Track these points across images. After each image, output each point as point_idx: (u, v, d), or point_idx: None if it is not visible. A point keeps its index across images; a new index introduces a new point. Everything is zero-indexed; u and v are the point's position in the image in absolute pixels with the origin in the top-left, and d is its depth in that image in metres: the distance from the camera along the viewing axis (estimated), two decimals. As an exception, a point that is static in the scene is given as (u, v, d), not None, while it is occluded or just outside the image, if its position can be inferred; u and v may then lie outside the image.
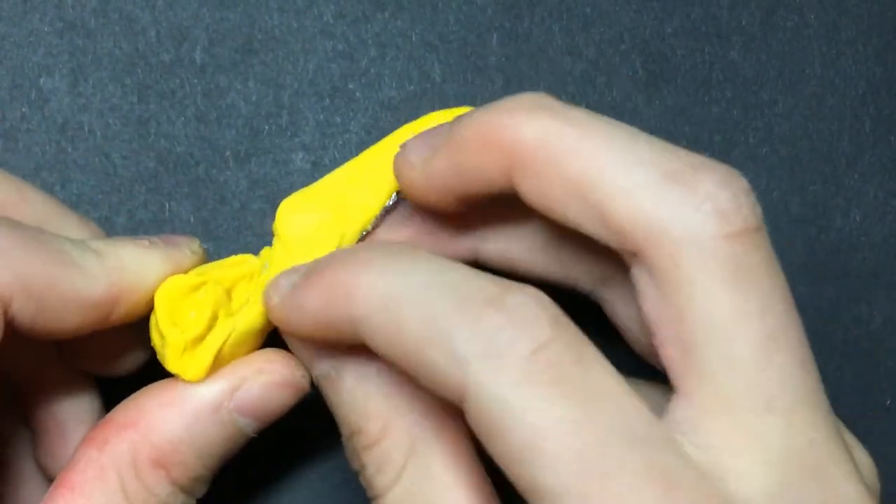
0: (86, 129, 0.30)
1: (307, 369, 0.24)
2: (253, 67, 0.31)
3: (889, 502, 0.34)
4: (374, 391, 0.22)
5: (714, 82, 0.33)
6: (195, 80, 0.30)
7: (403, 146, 0.23)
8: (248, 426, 0.24)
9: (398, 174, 0.23)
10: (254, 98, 0.31)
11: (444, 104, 0.31)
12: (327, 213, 0.24)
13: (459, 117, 0.22)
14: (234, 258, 0.25)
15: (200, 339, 0.23)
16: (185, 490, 0.23)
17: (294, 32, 0.31)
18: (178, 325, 0.23)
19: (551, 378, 0.18)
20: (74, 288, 0.22)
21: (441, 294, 0.19)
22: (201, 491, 0.24)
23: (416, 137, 0.23)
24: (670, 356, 0.19)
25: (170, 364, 0.23)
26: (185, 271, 0.24)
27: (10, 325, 0.21)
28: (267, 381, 0.23)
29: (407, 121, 0.31)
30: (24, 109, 0.30)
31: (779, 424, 0.19)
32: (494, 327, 0.18)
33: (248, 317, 0.24)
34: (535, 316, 0.18)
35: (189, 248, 0.24)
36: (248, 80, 0.31)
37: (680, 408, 0.19)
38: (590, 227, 0.20)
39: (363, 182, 0.25)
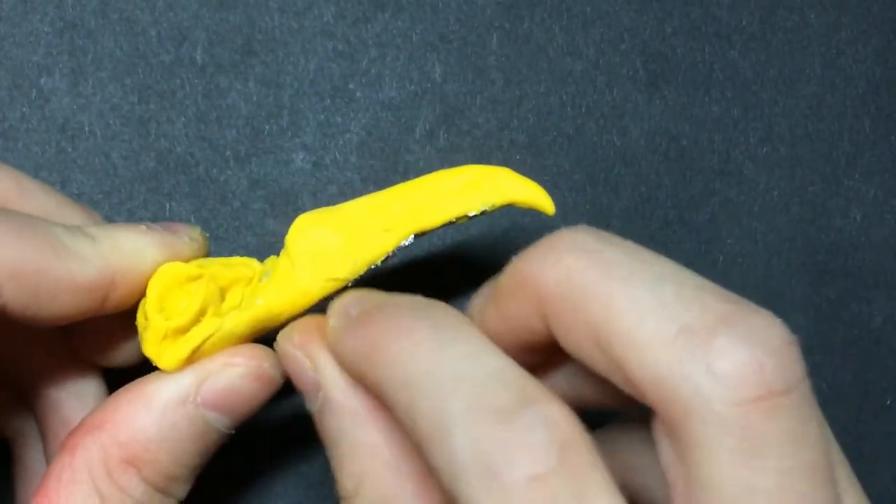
0: (86, 129, 0.30)
1: (280, 363, 0.24)
2: (253, 68, 0.31)
3: (889, 502, 0.34)
4: (351, 446, 0.22)
5: (714, 82, 0.33)
6: (195, 81, 0.30)
7: (472, 299, 0.23)
8: (219, 421, 0.23)
9: None
10: (254, 98, 0.30)
11: (445, 104, 0.31)
12: (342, 237, 0.24)
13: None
14: (238, 259, 0.24)
15: (184, 330, 0.23)
16: (161, 489, 0.23)
17: (294, 33, 0.31)
18: (165, 310, 0.23)
19: None
20: (68, 272, 0.21)
21: (459, 391, 0.18)
22: (181, 491, 0.23)
23: (479, 290, 0.23)
24: None
25: (146, 347, 0.23)
26: (185, 259, 0.24)
27: (2, 312, 0.21)
28: (233, 374, 0.23)
29: (407, 121, 0.31)
30: (24, 109, 0.30)
31: None
32: (497, 444, 0.17)
33: (236, 320, 0.23)
34: (543, 439, 0.17)
35: (189, 235, 0.24)
36: (249, 80, 0.30)
37: None
38: (613, 378, 0.19)
39: (384, 216, 0.24)
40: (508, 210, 0.32)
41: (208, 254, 0.25)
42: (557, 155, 0.32)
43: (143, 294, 0.23)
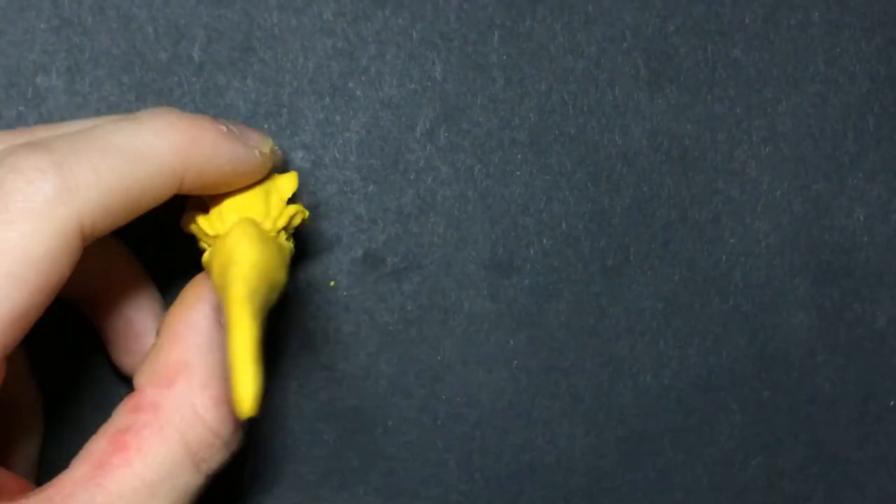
0: (82, 128, 0.30)
1: None
2: (252, 66, 0.30)
3: (892, 502, 0.34)
4: None
5: (717, 80, 0.32)
6: (193, 79, 0.30)
7: None
8: None
9: None
10: (253, 97, 0.30)
11: (445, 103, 0.31)
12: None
13: None
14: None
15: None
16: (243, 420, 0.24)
17: (293, 30, 0.31)
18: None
19: None
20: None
21: None
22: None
23: None
24: None
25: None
26: (251, 171, 0.24)
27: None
28: None
29: (407, 120, 0.31)
30: (20, 108, 0.30)
31: None
32: None
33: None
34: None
35: (259, 149, 0.25)
36: (247, 78, 0.30)
37: None
38: None
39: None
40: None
41: (276, 162, 0.26)
42: (559, 154, 0.32)
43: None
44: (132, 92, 0.30)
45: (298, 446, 0.31)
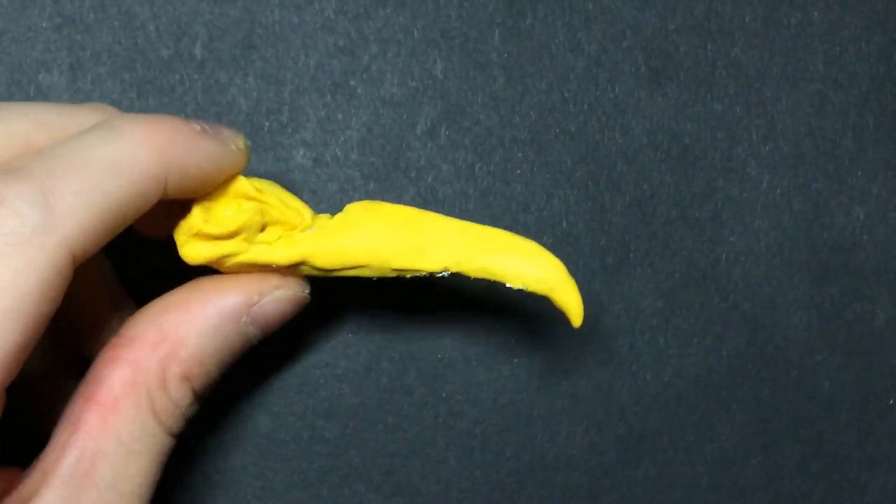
0: (84, 126, 0.30)
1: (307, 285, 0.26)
2: (253, 63, 0.30)
3: (893, 501, 0.34)
4: None
5: (717, 79, 0.32)
6: (195, 76, 0.30)
7: None
8: (255, 335, 0.25)
9: None
10: (254, 94, 0.30)
11: (446, 101, 0.31)
12: (400, 243, 0.25)
13: None
14: (298, 204, 0.25)
15: (214, 238, 0.24)
16: (201, 397, 0.25)
17: (295, 28, 0.31)
18: (210, 212, 0.24)
19: None
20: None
21: None
22: (208, 394, 0.26)
23: None
24: None
25: (177, 233, 0.25)
26: (227, 165, 0.24)
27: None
28: (282, 298, 0.26)
29: (408, 118, 0.31)
30: (22, 105, 0.29)
31: None
32: None
33: (260, 256, 0.25)
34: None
35: (235, 143, 0.25)
36: (249, 75, 0.30)
37: None
38: None
39: (439, 240, 0.25)
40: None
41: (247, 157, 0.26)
42: (559, 152, 0.32)
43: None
44: (134, 89, 0.30)
45: (299, 443, 0.31)
